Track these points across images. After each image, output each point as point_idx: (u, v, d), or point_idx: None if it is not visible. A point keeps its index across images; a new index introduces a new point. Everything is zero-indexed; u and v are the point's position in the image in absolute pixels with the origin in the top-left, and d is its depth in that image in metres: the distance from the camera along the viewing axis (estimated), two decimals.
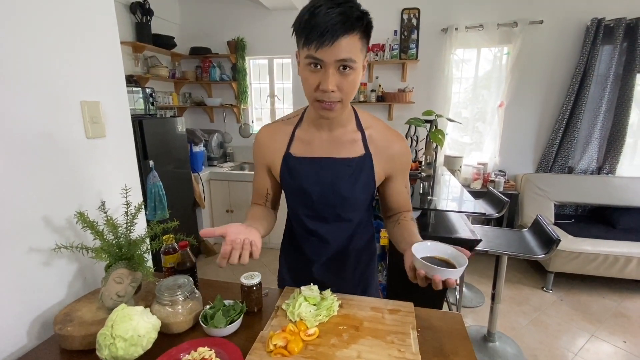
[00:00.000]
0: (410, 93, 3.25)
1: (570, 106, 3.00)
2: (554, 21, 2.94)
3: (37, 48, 0.84)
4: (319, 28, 0.65)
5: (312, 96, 0.75)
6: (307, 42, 0.68)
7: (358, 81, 0.75)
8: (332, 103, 0.74)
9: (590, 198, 3.02)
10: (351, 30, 0.67)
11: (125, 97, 1.13)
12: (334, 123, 0.85)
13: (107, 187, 1.06)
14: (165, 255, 0.97)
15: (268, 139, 0.92)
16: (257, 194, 1.00)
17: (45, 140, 0.87)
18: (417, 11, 3.18)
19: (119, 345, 0.67)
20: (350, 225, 0.94)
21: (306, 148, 0.88)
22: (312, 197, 0.88)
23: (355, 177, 0.86)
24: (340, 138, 0.87)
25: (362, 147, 0.87)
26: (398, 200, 0.95)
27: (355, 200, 0.89)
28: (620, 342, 2.10)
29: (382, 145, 0.87)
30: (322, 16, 0.65)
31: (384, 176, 0.91)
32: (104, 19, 1.04)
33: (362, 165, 0.86)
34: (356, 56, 0.70)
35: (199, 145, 3.40)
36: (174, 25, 3.61)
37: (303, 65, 0.73)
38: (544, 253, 1.72)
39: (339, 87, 0.72)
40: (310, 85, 0.73)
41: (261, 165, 0.95)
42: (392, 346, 0.74)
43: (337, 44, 0.66)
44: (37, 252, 0.85)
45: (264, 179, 0.97)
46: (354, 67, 0.71)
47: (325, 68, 0.70)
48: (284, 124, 0.93)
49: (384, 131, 0.89)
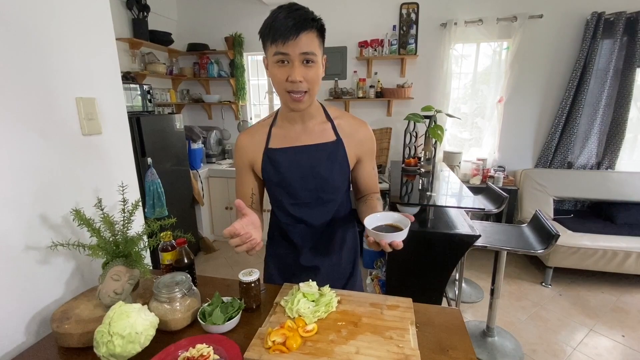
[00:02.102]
0: (409, 89, 3.24)
1: (570, 101, 2.99)
2: (554, 15, 2.92)
3: (31, 44, 0.83)
4: (283, 27, 0.77)
5: (282, 88, 0.85)
6: (274, 40, 0.79)
7: (320, 74, 0.86)
8: (301, 94, 0.84)
9: (589, 193, 3.02)
10: (310, 27, 0.79)
11: (121, 93, 1.13)
12: (305, 115, 0.95)
13: (104, 184, 1.06)
14: (163, 253, 0.97)
15: (248, 141, 1.00)
16: (241, 198, 1.03)
17: (41, 137, 0.86)
18: (415, 6, 3.16)
19: (117, 342, 0.67)
20: (332, 206, 1.02)
21: (283, 140, 0.97)
22: (293, 183, 0.96)
23: (332, 160, 0.96)
24: (312, 128, 0.97)
25: (332, 134, 0.97)
26: (367, 183, 1.05)
27: (334, 181, 0.97)
28: (618, 336, 2.11)
29: (350, 132, 0.98)
30: (284, 19, 0.78)
31: (356, 159, 1.00)
32: (99, 15, 1.02)
33: (336, 150, 0.96)
34: (316, 50, 0.82)
35: (197, 142, 3.39)
36: (171, 21, 3.59)
37: (272, 64, 0.83)
38: (543, 248, 1.72)
39: (305, 79, 0.83)
40: (280, 79, 0.83)
41: (244, 167, 1.01)
42: (390, 342, 0.74)
43: (299, 38, 0.78)
44: (34, 249, 0.85)
45: (247, 181, 1.03)
46: (315, 61, 0.83)
47: (292, 62, 0.81)
48: (260, 126, 1.01)
49: (350, 120, 1.00)
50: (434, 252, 1.75)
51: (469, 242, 1.70)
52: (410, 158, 2.74)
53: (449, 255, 1.74)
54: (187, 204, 3.10)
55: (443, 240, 1.73)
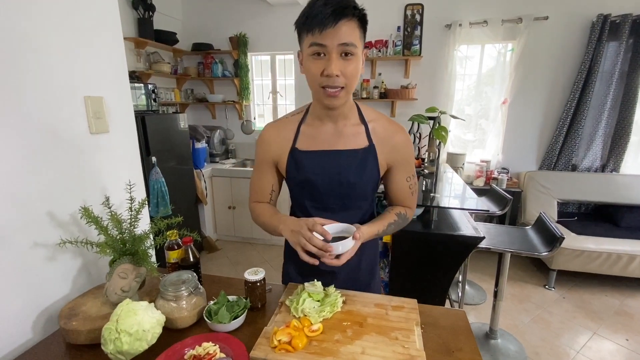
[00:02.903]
0: (413, 90, 3.23)
1: (575, 103, 2.97)
2: (559, 17, 2.91)
3: (41, 43, 0.84)
4: (321, 15, 0.71)
5: (316, 83, 0.78)
6: (310, 29, 0.73)
7: (359, 69, 0.79)
8: (337, 90, 0.77)
9: (593, 196, 3.00)
10: (350, 15, 0.73)
11: (128, 92, 1.13)
12: (338, 115, 0.88)
13: (111, 183, 1.06)
14: (169, 251, 0.98)
15: (274, 135, 0.93)
16: (260, 193, 0.99)
17: (49, 136, 0.87)
18: (420, 7, 3.16)
19: (124, 339, 0.68)
20: (357, 213, 0.95)
21: (312, 142, 0.90)
22: (319, 188, 0.90)
23: (362, 167, 0.89)
24: (344, 130, 0.89)
25: (365, 139, 0.89)
26: (396, 194, 0.97)
27: (362, 188, 0.91)
28: (622, 340, 2.10)
29: (384, 136, 0.90)
30: (322, 7, 0.71)
31: (387, 166, 0.93)
32: (107, 14, 1.03)
33: (367, 155, 0.89)
34: (357, 42, 0.75)
35: (201, 142, 3.40)
36: (176, 21, 3.60)
37: (307, 56, 0.77)
38: (547, 251, 1.72)
39: (343, 73, 0.76)
40: (314, 73, 0.77)
41: (266, 162, 0.95)
42: (396, 342, 0.74)
43: (338, 27, 0.72)
44: (42, 247, 0.86)
45: (268, 176, 0.97)
46: (355, 54, 0.76)
47: (329, 54, 0.74)
48: (289, 121, 0.94)
49: (386, 124, 0.92)
50: (437, 253, 1.75)
51: (474, 243, 1.69)
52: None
53: (453, 256, 1.74)
54: (191, 203, 3.11)
55: (447, 241, 1.73)
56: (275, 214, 0.93)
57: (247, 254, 3.31)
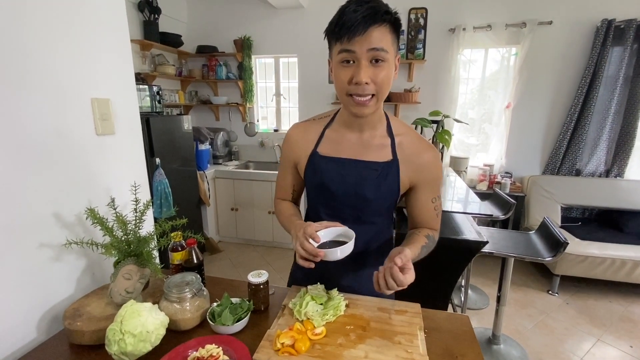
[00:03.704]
0: (417, 93, 3.24)
1: (579, 108, 2.97)
2: (564, 22, 2.91)
3: (49, 45, 0.85)
4: (350, 22, 0.68)
5: (344, 91, 0.75)
6: (340, 36, 0.70)
7: (391, 77, 0.75)
8: (366, 99, 0.74)
9: (597, 201, 2.99)
10: (381, 21, 0.69)
11: (134, 94, 1.14)
12: (365, 124, 0.84)
13: (116, 184, 1.07)
14: (173, 253, 0.98)
15: (300, 136, 0.92)
16: (282, 191, 1.01)
17: (56, 137, 0.87)
18: (424, 11, 3.17)
19: (128, 340, 0.68)
20: (371, 229, 0.92)
21: (334, 148, 0.88)
22: (334, 196, 0.88)
23: (380, 181, 0.84)
24: (369, 141, 0.86)
25: (390, 153, 0.85)
26: (420, 215, 0.91)
27: (378, 203, 0.87)
28: (626, 347, 2.08)
29: (410, 153, 0.85)
30: (352, 13, 0.68)
31: (409, 185, 0.88)
32: (115, 17, 1.04)
33: (388, 170, 0.84)
34: (388, 47, 0.71)
35: (204, 144, 3.42)
36: (181, 23, 3.63)
37: (336, 64, 0.75)
38: (551, 256, 1.71)
39: (373, 80, 0.72)
40: (343, 80, 0.74)
41: (289, 161, 0.96)
42: (399, 347, 0.74)
43: (369, 33, 0.68)
44: (47, 247, 0.86)
45: (290, 176, 0.98)
46: (386, 59, 0.72)
47: (358, 61, 0.71)
48: (315, 123, 0.93)
49: (415, 140, 0.87)
50: (440, 257, 1.73)
51: (477, 248, 1.69)
52: None
53: (456, 261, 1.73)
54: (194, 204, 3.12)
55: (450, 245, 1.72)
56: (291, 215, 0.93)
57: (249, 256, 3.31)
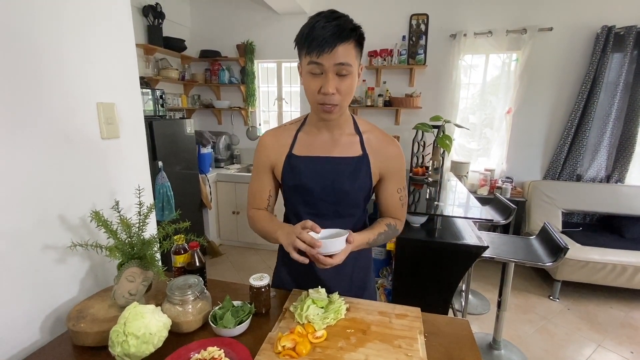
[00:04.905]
0: (418, 98, 3.25)
1: (579, 114, 2.98)
2: (564, 28, 2.93)
3: (58, 52, 0.87)
4: (319, 38, 0.75)
5: (314, 100, 0.84)
6: (309, 51, 0.78)
7: (354, 86, 0.84)
8: (332, 106, 0.82)
9: (598, 206, 2.99)
10: (347, 39, 0.77)
11: (139, 98, 1.16)
12: (333, 125, 0.93)
13: (120, 187, 1.08)
14: (176, 255, 0.99)
15: (273, 141, 0.98)
16: (258, 199, 1.02)
17: (62, 141, 0.89)
18: (425, 17, 3.19)
19: (131, 342, 0.69)
20: (350, 221, 0.98)
21: (308, 148, 0.95)
22: (313, 193, 0.94)
23: (355, 176, 0.92)
24: (339, 139, 0.94)
25: (359, 149, 0.94)
26: (387, 204, 1.00)
27: (355, 196, 0.95)
28: (627, 353, 2.07)
29: (378, 147, 0.94)
30: (321, 29, 0.75)
31: (379, 176, 0.96)
32: (121, 24, 1.06)
33: (360, 164, 0.93)
34: (352, 62, 0.79)
35: (206, 147, 3.43)
36: (184, 28, 3.66)
37: (305, 73, 0.82)
38: (552, 261, 1.71)
39: (338, 90, 0.81)
40: (313, 90, 0.82)
41: (264, 167, 0.99)
42: (399, 350, 0.75)
43: (335, 50, 0.76)
44: (52, 249, 0.87)
45: (265, 182, 1.00)
46: (350, 72, 0.80)
47: (326, 73, 0.79)
48: (287, 129, 0.99)
49: (380, 135, 0.97)
50: (441, 262, 1.75)
51: (477, 253, 1.69)
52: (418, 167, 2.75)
53: (456, 265, 1.74)
54: (195, 207, 3.14)
55: (450, 250, 1.73)
56: (273, 220, 0.97)
57: (250, 260, 3.31)
